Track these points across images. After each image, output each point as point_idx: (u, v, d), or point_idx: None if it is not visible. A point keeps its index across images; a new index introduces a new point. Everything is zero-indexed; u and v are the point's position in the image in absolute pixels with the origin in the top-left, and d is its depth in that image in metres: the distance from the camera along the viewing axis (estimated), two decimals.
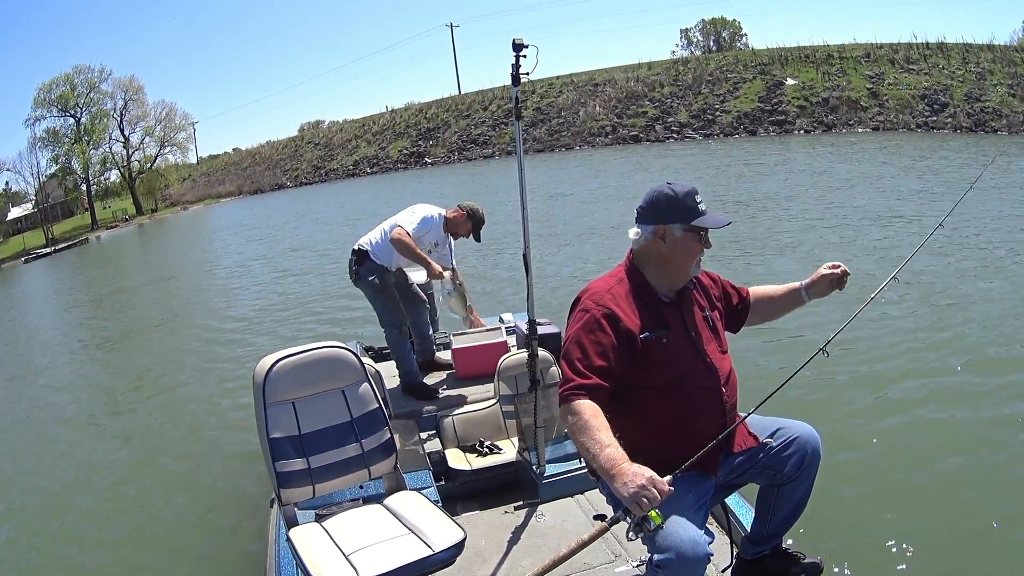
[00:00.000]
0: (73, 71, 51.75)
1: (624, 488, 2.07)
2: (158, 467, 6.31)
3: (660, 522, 2.07)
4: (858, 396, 5.64)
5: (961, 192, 3.80)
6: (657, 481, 2.07)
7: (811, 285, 2.76)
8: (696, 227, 2.50)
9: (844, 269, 2.73)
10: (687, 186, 2.53)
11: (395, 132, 52.23)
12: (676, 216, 2.49)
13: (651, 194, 2.55)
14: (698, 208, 2.49)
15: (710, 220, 2.51)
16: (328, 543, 2.83)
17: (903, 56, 36.57)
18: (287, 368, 3.00)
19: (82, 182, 53.24)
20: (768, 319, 2.92)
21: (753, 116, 37.25)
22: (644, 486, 2.05)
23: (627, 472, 2.10)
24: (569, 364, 2.40)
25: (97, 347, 12.27)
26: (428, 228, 5.06)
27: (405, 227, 4.93)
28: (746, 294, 2.85)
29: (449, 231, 5.20)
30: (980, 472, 4.45)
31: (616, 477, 2.11)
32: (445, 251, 5.29)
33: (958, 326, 6.98)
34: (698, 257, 2.55)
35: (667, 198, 2.51)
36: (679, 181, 2.56)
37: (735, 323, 2.84)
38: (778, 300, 2.86)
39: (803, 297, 2.79)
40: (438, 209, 5.19)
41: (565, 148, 41.15)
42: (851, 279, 2.75)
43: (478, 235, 5.25)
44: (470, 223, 5.16)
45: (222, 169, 61.41)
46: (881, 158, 21.79)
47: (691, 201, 2.49)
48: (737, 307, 2.82)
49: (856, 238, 11.21)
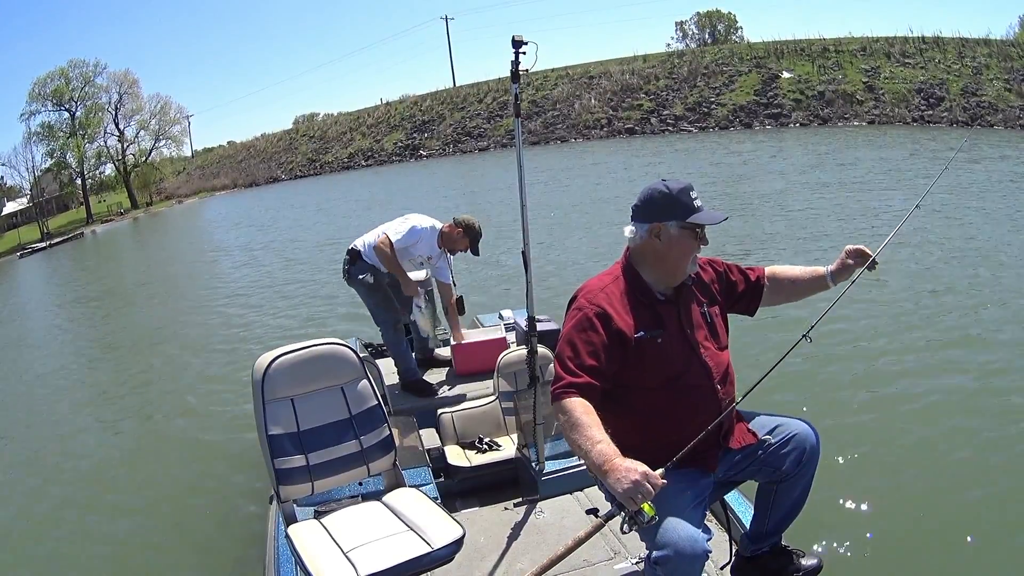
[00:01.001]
0: (68, 65, 51.40)
1: (618, 484, 2.07)
2: (156, 464, 6.28)
3: (653, 514, 2.07)
4: (857, 393, 5.64)
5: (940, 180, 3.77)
6: (650, 475, 2.07)
7: (836, 271, 2.71)
8: (692, 224, 2.47)
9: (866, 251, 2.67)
10: (682, 182, 2.50)
11: (390, 125, 52.17)
12: (671, 213, 2.46)
13: (646, 192, 2.53)
14: (693, 205, 2.47)
15: (705, 216, 2.49)
16: (327, 540, 2.83)
17: (899, 50, 36.63)
18: (286, 365, 3.00)
19: (77, 176, 52.93)
20: (790, 300, 2.86)
21: (749, 109, 37.29)
22: (637, 481, 2.05)
23: (619, 467, 2.09)
24: (560, 363, 2.40)
25: (93, 344, 12.22)
26: (417, 239, 4.97)
27: (390, 236, 4.88)
28: (758, 275, 2.79)
29: (446, 246, 5.11)
30: (982, 470, 4.46)
31: (609, 473, 2.10)
32: (442, 265, 5.22)
33: (960, 320, 6.99)
34: (694, 254, 2.53)
35: (662, 195, 2.48)
36: (674, 177, 2.53)
37: (748, 305, 2.79)
38: (801, 283, 2.80)
39: (828, 282, 2.73)
40: (433, 221, 5.10)
41: (560, 141, 41.12)
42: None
43: (476, 249, 5.13)
44: (467, 238, 5.04)
45: (217, 162, 61.16)
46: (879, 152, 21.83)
47: (686, 198, 2.47)
48: (747, 291, 2.77)
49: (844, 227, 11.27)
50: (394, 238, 4.87)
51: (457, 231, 5.02)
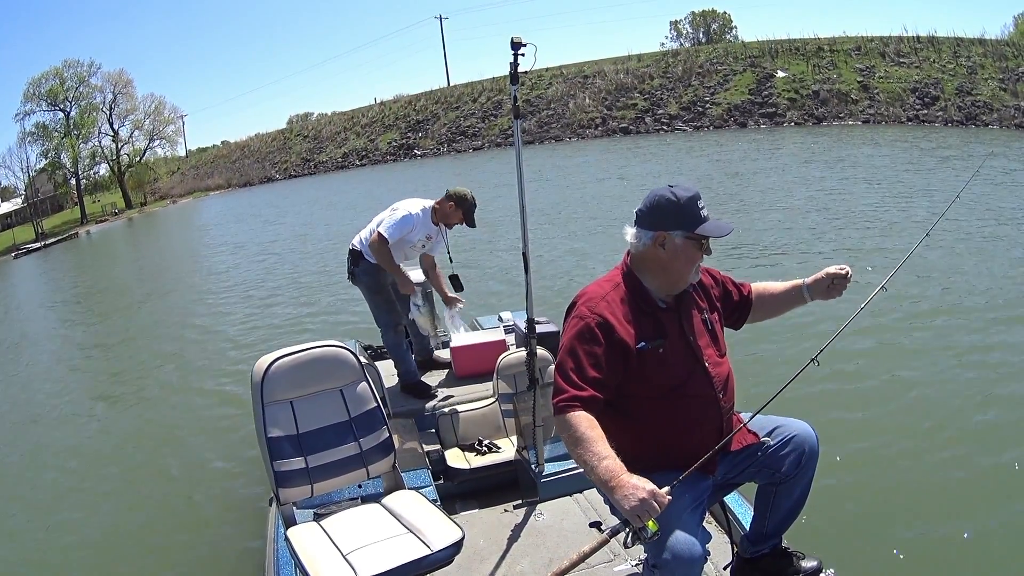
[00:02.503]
0: (63, 65, 51.30)
1: (624, 501, 2.05)
2: (155, 467, 6.26)
3: (656, 529, 2.06)
4: (856, 394, 5.64)
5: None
6: (657, 493, 2.05)
7: (813, 284, 2.68)
8: (698, 235, 2.41)
9: (848, 273, 2.64)
10: (690, 190, 2.41)
11: (384, 124, 52.12)
12: (678, 223, 2.39)
13: (652, 198, 2.44)
14: (700, 215, 2.39)
15: (712, 228, 2.41)
16: (326, 542, 2.82)
17: (894, 49, 36.69)
18: (285, 367, 2.99)
19: (71, 176, 52.83)
20: (771, 316, 2.84)
21: (743, 108, 37.33)
22: (644, 499, 2.03)
23: (626, 484, 2.07)
24: (562, 374, 2.34)
25: (92, 346, 12.14)
26: (412, 226, 4.86)
27: (384, 232, 4.76)
28: (748, 291, 2.78)
29: (440, 222, 5.00)
30: (982, 470, 4.47)
31: (615, 489, 2.08)
32: (440, 243, 5.15)
33: (958, 320, 7.01)
34: (698, 264, 2.48)
35: (669, 203, 2.39)
36: (682, 184, 2.44)
37: (737, 320, 2.78)
38: (780, 296, 2.78)
39: (805, 296, 2.71)
40: (423, 203, 4.98)
41: (555, 140, 41.12)
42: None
43: (471, 220, 5.01)
44: (460, 210, 4.93)
45: (211, 162, 61.03)
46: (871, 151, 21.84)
47: (694, 208, 2.39)
48: (738, 304, 2.76)
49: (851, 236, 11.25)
50: (387, 233, 4.74)
51: (449, 204, 4.92)
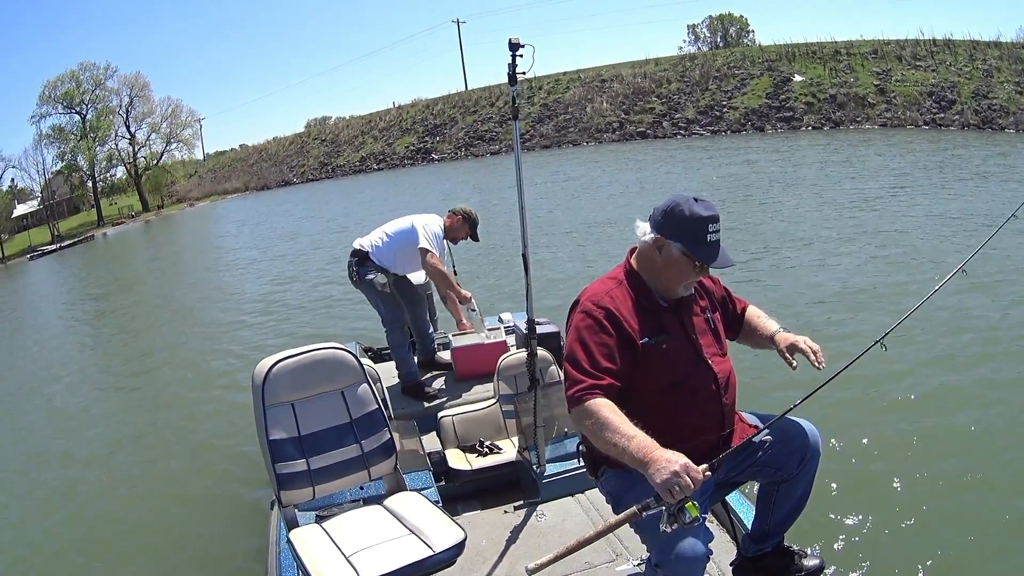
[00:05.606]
0: (79, 68, 51.96)
1: (657, 474, 2.02)
2: (158, 469, 6.30)
3: (697, 514, 2.02)
4: (858, 394, 5.57)
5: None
6: (691, 468, 2.03)
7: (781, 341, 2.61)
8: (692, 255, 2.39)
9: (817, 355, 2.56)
10: (709, 209, 2.38)
11: (401, 128, 52.22)
12: (679, 235, 2.38)
13: (670, 201, 2.42)
14: (706, 238, 2.36)
15: (707, 254, 2.39)
16: (328, 544, 2.83)
17: (910, 53, 36.39)
18: (286, 370, 3.00)
19: (88, 179, 53.35)
20: (743, 343, 2.82)
21: (761, 113, 37.12)
22: (677, 472, 2.00)
23: (659, 459, 2.05)
24: (575, 366, 2.34)
25: (98, 348, 12.29)
26: (442, 243, 5.09)
27: (432, 249, 4.91)
28: (742, 310, 2.78)
29: (448, 237, 5.20)
30: (982, 471, 4.43)
31: (649, 464, 2.05)
32: (447, 257, 5.27)
33: (965, 319, 6.93)
34: (689, 280, 2.46)
35: (678, 213, 2.38)
36: (707, 201, 2.40)
37: (729, 332, 2.77)
38: (757, 333, 2.74)
39: (770, 343, 2.66)
40: (438, 219, 5.17)
41: (572, 144, 41.09)
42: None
43: (475, 235, 5.30)
44: (467, 226, 5.21)
45: (228, 165, 61.51)
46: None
47: (701, 227, 2.35)
48: (734, 318, 2.77)
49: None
50: (435, 249, 4.93)
51: (458, 220, 5.18)
